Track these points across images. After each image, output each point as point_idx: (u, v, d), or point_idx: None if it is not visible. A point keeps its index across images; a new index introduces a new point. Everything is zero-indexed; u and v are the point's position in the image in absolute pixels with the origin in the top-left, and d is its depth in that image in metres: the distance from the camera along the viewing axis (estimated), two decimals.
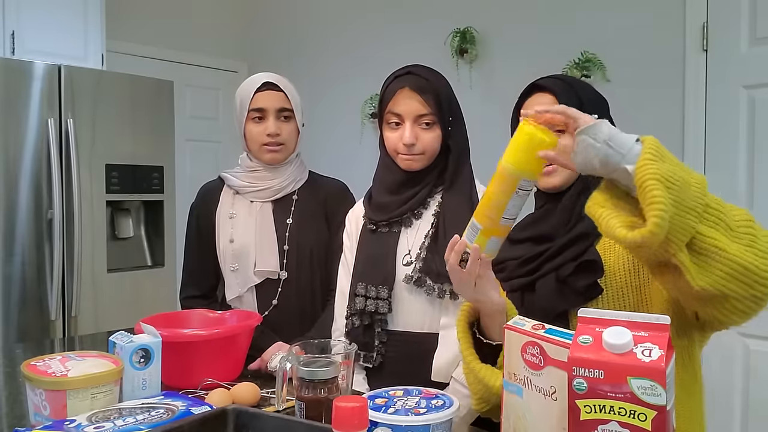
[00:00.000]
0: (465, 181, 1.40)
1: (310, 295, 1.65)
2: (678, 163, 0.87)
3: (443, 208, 1.37)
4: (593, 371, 0.72)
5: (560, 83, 1.18)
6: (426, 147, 1.36)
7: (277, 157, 1.65)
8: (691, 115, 2.46)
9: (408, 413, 0.92)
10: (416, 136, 1.35)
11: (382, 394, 1.01)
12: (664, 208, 0.80)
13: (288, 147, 1.66)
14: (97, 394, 1.01)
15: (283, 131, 1.63)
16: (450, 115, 1.38)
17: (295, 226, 1.65)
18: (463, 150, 1.41)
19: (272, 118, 1.62)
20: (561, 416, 0.77)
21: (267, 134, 1.61)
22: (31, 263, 2.61)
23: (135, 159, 2.95)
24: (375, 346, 1.38)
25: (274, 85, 1.63)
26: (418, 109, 1.35)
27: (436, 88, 1.35)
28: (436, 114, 1.35)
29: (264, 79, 1.63)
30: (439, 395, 1.01)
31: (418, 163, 1.38)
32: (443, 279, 1.30)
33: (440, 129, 1.36)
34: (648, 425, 0.69)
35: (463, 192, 1.38)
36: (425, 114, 1.35)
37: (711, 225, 0.86)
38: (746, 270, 0.84)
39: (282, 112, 1.64)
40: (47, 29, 3.03)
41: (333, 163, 2.83)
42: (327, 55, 3.91)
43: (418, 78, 1.36)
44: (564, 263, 1.09)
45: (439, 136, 1.37)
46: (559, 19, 2.86)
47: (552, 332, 0.85)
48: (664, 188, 0.81)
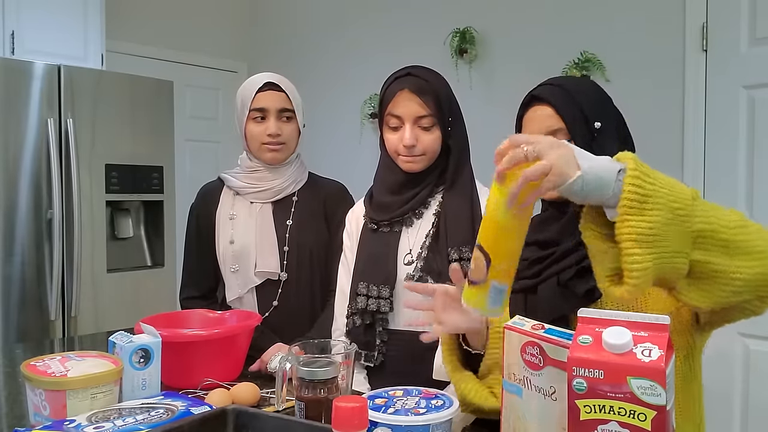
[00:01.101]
0: (466, 181, 1.40)
1: (310, 296, 1.65)
2: (662, 186, 0.81)
3: (444, 208, 1.38)
4: (593, 371, 0.72)
5: (559, 92, 1.13)
6: (426, 148, 1.36)
7: (278, 156, 1.65)
8: (691, 115, 2.46)
9: (408, 413, 0.92)
10: (416, 137, 1.35)
11: (382, 394, 1.01)
12: (640, 271, 0.78)
13: (289, 147, 1.66)
14: (96, 394, 1.01)
15: (284, 131, 1.64)
16: (450, 115, 1.38)
17: (295, 227, 1.65)
18: (463, 150, 1.42)
19: (273, 119, 1.62)
20: (561, 416, 0.77)
21: (268, 134, 1.61)
22: (30, 263, 2.61)
23: (135, 159, 2.94)
24: (376, 345, 1.38)
25: (276, 86, 1.63)
26: (417, 111, 1.35)
27: (435, 89, 1.35)
28: (436, 115, 1.35)
29: (266, 79, 1.63)
30: (439, 395, 1.01)
31: (418, 164, 1.38)
32: (444, 279, 1.31)
33: (440, 130, 1.37)
34: (648, 425, 0.69)
35: (464, 192, 1.39)
36: (425, 115, 1.35)
37: (707, 249, 0.83)
38: (750, 281, 0.84)
39: (283, 113, 1.64)
40: (47, 29, 3.03)
41: (333, 163, 2.83)
42: (327, 56, 3.91)
43: (418, 79, 1.36)
44: (566, 268, 1.09)
45: (439, 137, 1.37)
46: (559, 19, 2.86)
47: (551, 332, 0.85)
48: (644, 247, 0.78)
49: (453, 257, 1.31)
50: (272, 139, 1.62)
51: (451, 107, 1.39)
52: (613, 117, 1.13)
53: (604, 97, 1.16)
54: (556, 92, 1.14)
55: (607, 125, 1.11)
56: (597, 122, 1.10)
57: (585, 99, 1.13)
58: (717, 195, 2.38)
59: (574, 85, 1.17)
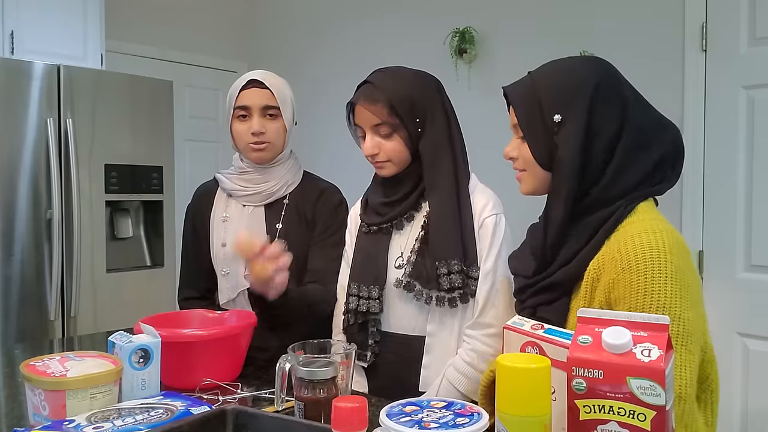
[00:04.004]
0: (445, 184, 1.35)
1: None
2: None
3: (430, 212, 1.36)
4: (593, 371, 0.72)
5: (519, 90, 1.11)
6: (389, 155, 1.36)
7: (263, 156, 1.61)
8: (691, 115, 2.46)
9: (415, 425, 0.78)
10: (377, 145, 1.35)
11: (422, 403, 0.86)
12: None
13: (274, 146, 1.61)
14: (96, 394, 1.01)
15: (269, 129, 1.59)
16: (416, 116, 1.35)
17: (285, 231, 1.61)
18: (438, 152, 1.37)
19: (257, 116, 1.58)
20: (560, 416, 0.77)
21: (251, 132, 1.58)
22: (30, 263, 2.61)
23: (134, 159, 2.94)
24: (369, 345, 1.39)
25: (260, 83, 1.59)
26: (371, 120, 1.35)
27: (388, 95, 1.33)
28: (391, 122, 1.33)
29: (250, 76, 1.60)
30: (476, 413, 0.82)
31: (386, 170, 1.38)
32: (432, 285, 1.31)
33: (404, 134, 1.34)
34: (647, 425, 0.69)
35: (445, 195, 1.34)
36: (379, 124, 1.34)
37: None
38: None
39: (267, 110, 1.59)
40: (46, 29, 3.03)
41: (331, 163, 2.83)
42: (326, 55, 3.91)
43: (371, 87, 1.36)
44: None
45: (401, 141, 1.35)
46: (558, 19, 2.86)
47: (551, 332, 0.85)
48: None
49: (442, 271, 1.30)
50: (256, 137, 1.58)
51: (418, 109, 1.35)
52: (586, 103, 1.04)
53: (576, 85, 1.06)
54: (518, 84, 1.14)
55: (573, 115, 1.04)
56: (557, 115, 1.05)
57: (547, 94, 1.07)
58: (717, 195, 2.39)
59: (543, 74, 1.12)
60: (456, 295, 1.30)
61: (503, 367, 0.71)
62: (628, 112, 1.06)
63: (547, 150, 1.07)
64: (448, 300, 1.30)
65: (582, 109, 1.05)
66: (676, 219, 2.43)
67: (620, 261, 0.98)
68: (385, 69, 1.41)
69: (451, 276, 1.29)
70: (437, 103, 1.38)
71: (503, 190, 1.43)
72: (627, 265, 0.96)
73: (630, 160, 1.05)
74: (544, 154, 1.08)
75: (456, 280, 1.29)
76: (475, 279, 1.31)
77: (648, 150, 1.05)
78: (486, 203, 1.35)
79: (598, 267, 1.01)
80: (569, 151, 1.04)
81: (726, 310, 2.34)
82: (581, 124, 1.04)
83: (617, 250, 0.99)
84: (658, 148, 1.06)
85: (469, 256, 1.31)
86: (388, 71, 1.40)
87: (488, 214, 1.34)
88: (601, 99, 1.05)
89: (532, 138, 1.09)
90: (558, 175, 1.06)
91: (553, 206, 1.08)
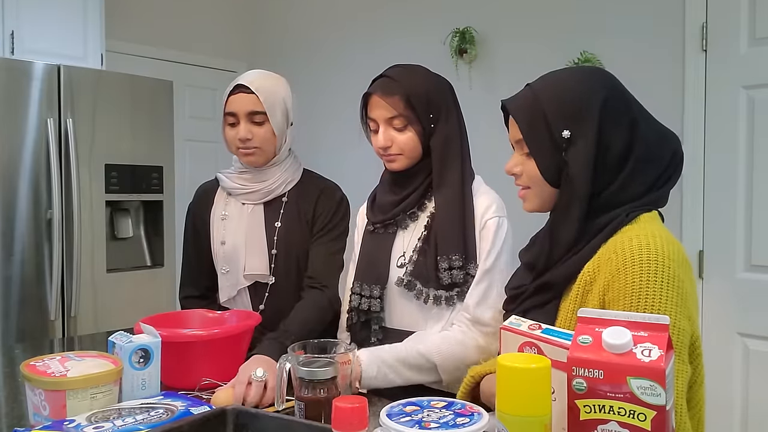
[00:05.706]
0: (453, 182, 1.36)
1: (296, 300, 1.62)
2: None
3: (435, 211, 1.38)
4: (593, 371, 0.72)
5: (521, 103, 1.06)
6: (402, 148, 1.37)
7: (253, 160, 1.60)
8: (691, 116, 2.46)
9: (415, 425, 0.79)
10: (391, 138, 1.36)
11: (422, 403, 0.86)
12: None
13: (263, 150, 1.59)
14: (96, 394, 1.01)
15: (255, 135, 1.57)
16: (431, 113, 1.36)
17: (284, 229, 1.62)
18: (448, 149, 1.38)
19: (243, 122, 1.57)
20: (560, 416, 0.77)
21: (238, 138, 1.57)
22: (30, 263, 2.61)
23: (134, 159, 2.94)
24: (371, 343, 1.40)
25: (246, 88, 1.56)
26: (386, 112, 1.36)
27: (406, 89, 1.35)
28: (407, 115, 1.35)
29: (239, 80, 1.59)
30: (476, 413, 0.83)
31: (398, 163, 1.39)
32: (431, 284, 1.32)
33: (418, 128, 1.36)
34: (647, 425, 0.69)
35: (452, 194, 1.36)
36: (395, 116, 1.35)
37: None
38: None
39: (253, 116, 1.57)
40: (46, 29, 3.03)
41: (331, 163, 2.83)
42: (326, 55, 3.91)
43: (388, 80, 1.37)
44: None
45: (415, 135, 1.36)
46: (558, 19, 2.86)
47: (549, 332, 0.85)
48: None
49: (443, 266, 1.31)
50: (242, 144, 1.57)
51: (432, 106, 1.37)
52: (595, 119, 1.00)
53: (585, 94, 1.02)
54: (519, 97, 1.08)
55: (583, 131, 1.00)
56: (565, 131, 1.01)
57: (551, 103, 1.02)
58: (717, 195, 2.39)
59: (545, 86, 1.06)
60: (454, 294, 1.32)
61: (503, 367, 0.71)
62: (636, 127, 1.02)
63: (556, 167, 1.03)
64: (446, 299, 1.33)
65: (592, 125, 1.00)
66: (676, 219, 2.44)
67: (616, 261, 0.95)
68: (401, 64, 1.42)
69: (452, 272, 1.31)
70: (450, 102, 1.41)
71: (503, 190, 1.44)
72: (622, 266, 0.94)
73: (638, 172, 1.02)
74: (552, 170, 1.03)
75: (457, 276, 1.31)
76: (472, 276, 1.33)
77: (653, 162, 1.03)
78: (489, 205, 1.36)
79: (593, 269, 0.99)
80: (582, 170, 1.00)
81: (726, 310, 2.34)
82: (592, 141, 1.00)
83: (613, 251, 0.97)
84: (662, 160, 1.04)
85: (468, 253, 1.32)
86: (405, 66, 1.41)
87: (491, 216, 1.35)
88: (610, 114, 1.01)
89: (540, 154, 1.04)
90: (568, 193, 1.02)
91: (562, 226, 1.04)
